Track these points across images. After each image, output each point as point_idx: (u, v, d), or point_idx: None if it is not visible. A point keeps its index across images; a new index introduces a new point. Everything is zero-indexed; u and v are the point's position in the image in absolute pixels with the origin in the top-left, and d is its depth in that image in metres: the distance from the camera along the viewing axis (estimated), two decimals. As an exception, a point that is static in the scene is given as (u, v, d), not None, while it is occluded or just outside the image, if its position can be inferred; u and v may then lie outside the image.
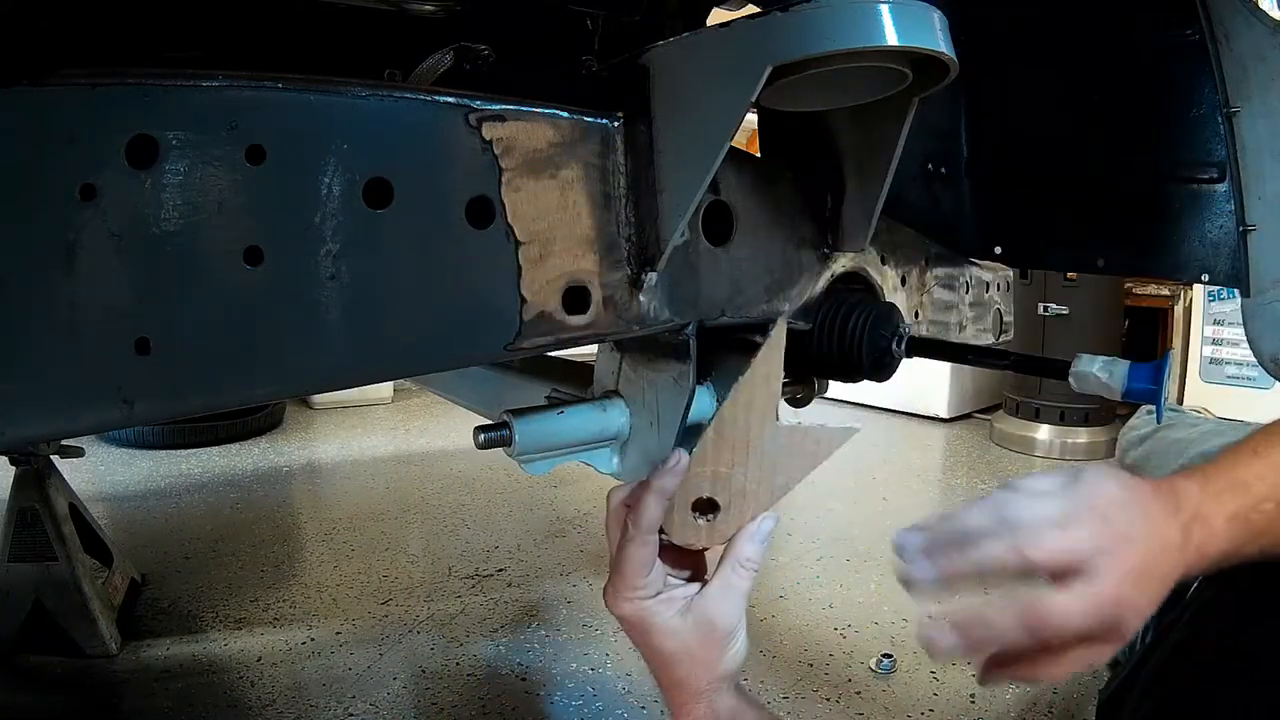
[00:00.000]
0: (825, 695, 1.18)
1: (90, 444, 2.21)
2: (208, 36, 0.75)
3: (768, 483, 0.58)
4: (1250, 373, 2.29)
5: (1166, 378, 0.74)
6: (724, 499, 0.57)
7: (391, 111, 0.49)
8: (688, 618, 0.57)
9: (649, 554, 0.56)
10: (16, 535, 1.25)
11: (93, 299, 0.42)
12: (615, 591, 0.57)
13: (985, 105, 0.98)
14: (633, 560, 0.56)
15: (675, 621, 0.57)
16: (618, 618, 0.58)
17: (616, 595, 0.57)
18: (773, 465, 0.58)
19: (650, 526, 0.55)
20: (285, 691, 1.18)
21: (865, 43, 0.49)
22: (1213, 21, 0.76)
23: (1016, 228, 1.02)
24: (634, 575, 0.56)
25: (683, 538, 0.57)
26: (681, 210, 0.55)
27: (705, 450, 0.56)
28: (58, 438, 0.92)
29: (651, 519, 0.55)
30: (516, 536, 1.78)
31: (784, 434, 0.57)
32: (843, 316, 0.77)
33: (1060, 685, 1.21)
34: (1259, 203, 0.80)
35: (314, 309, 0.47)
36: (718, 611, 0.57)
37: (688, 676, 0.58)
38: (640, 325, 0.60)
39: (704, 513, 0.58)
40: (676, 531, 0.57)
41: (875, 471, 2.32)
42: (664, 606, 0.57)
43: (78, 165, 0.41)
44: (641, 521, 0.55)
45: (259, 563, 1.62)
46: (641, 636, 0.58)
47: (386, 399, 3.05)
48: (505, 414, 0.65)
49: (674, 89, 0.55)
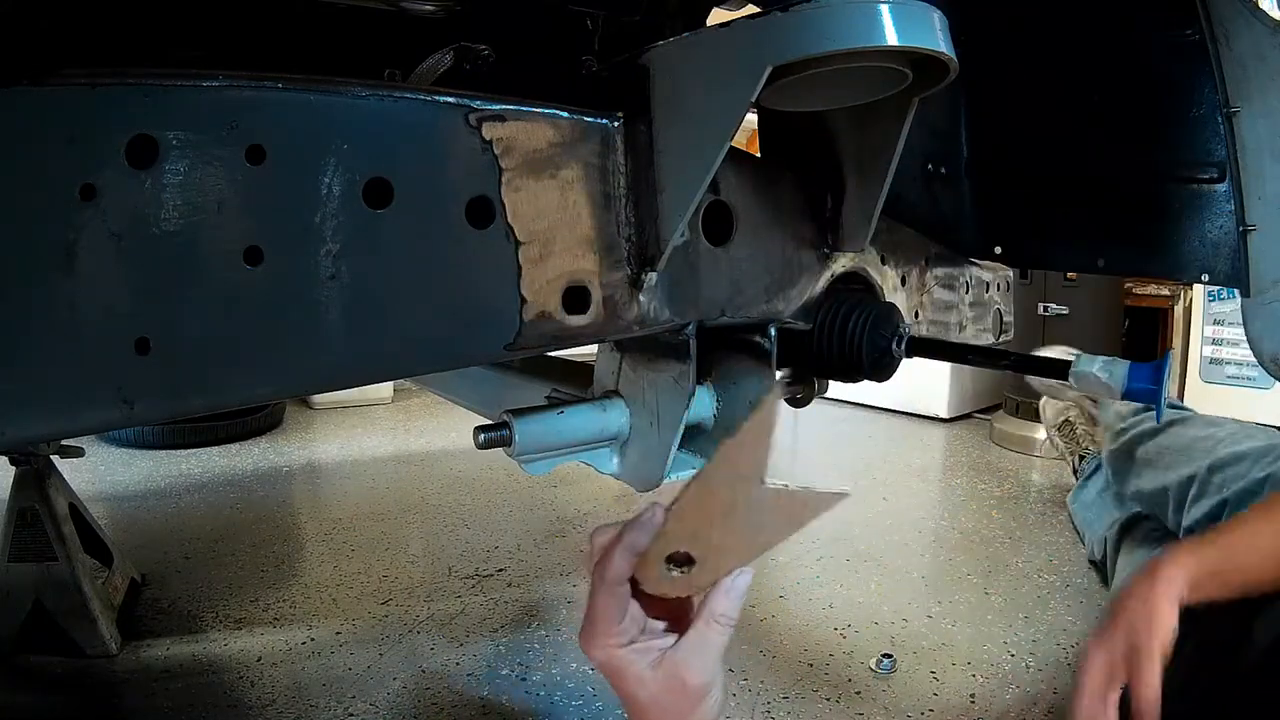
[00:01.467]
0: (825, 695, 1.18)
1: (90, 444, 2.21)
2: (208, 36, 0.75)
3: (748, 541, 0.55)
4: (1250, 373, 2.29)
5: (1166, 378, 0.74)
6: (700, 554, 0.55)
7: (391, 111, 0.49)
8: (658, 671, 0.55)
9: (617, 604, 0.55)
10: (16, 535, 1.25)
11: (93, 299, 0.42)
12: (588, 637, 0.55)
13: (985, 105, 0.98)
14: (601, 610, 0.55)
15: (647, 673, 0.55)
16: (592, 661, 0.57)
17: (590, 641, 0.55)
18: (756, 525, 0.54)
19: (617, 579, 0.54)
20: (285, 691, 1.18)
21: (865, 43, 0.49)
22: (1213, 21, 0.76)
23: (1016, 228, 1.02)
24: (604, 624, 0.55)
25: (656, 588, 0.55)
26: (681, 210, 0.55)
27: (684, 507, 0.53)
28: (58, 438, 0.92)
29: (618, 573, 0.54)
30: (516, 536, 1.77)
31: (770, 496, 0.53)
32: (843, 316, 0.77)
33: (1060, 685, 1.21)
34: (1259, 203, 0.80)
35: (314, 309, 0.47)
36: (689, 667, 0.55)
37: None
38: (640, 325, 0.60)
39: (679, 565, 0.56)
40: (650, 583, 0.55)
41: (875, 471, 2.32)
42: (638, 656, 0.55)
43: (78, 165, 0.41)
44: (608, 574, 0.54)
45: (259, 563, 1.62)
46: (616, 682, 0.56)
47: (386, 399, 3.05)
48: (505, 414, 0.65)
49: (674, 89, 0.55)
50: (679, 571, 0.55)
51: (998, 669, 1.25)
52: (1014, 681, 1.22)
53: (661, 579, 0.55)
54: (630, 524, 0.54)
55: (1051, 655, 1.30)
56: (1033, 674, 1.25)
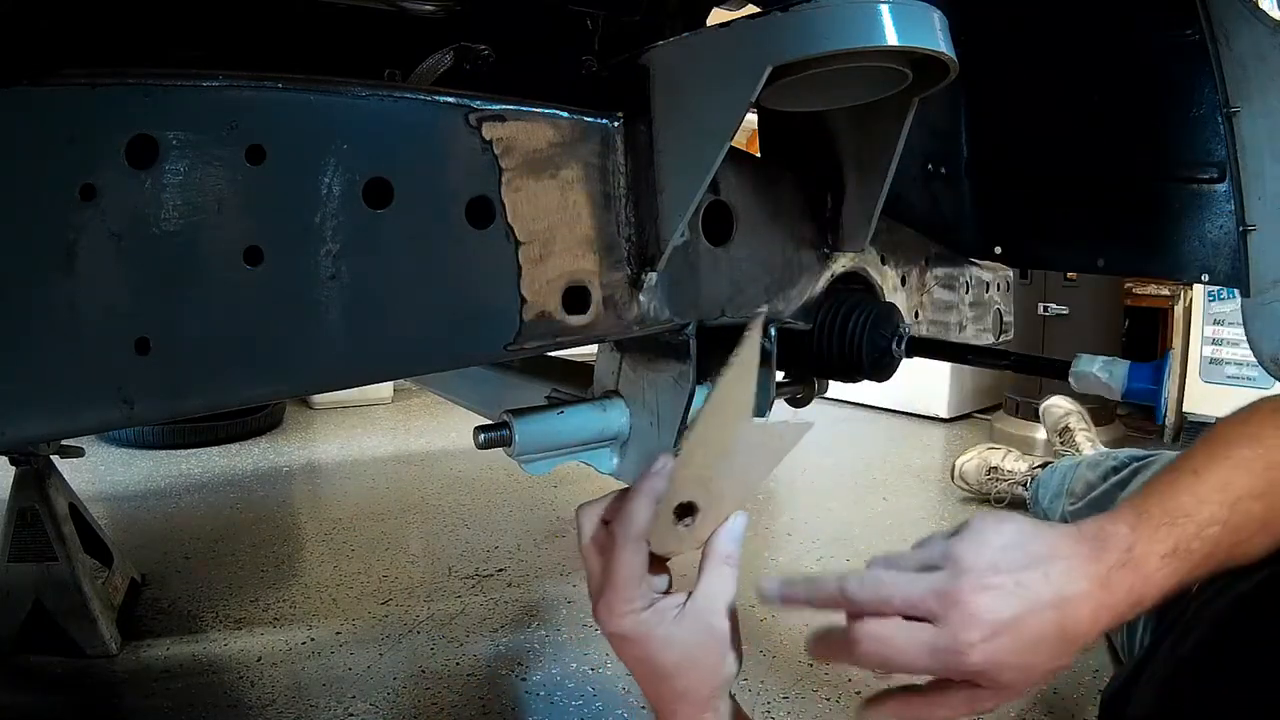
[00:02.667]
0: (825, 695, 1.18)
1: (90, 444, 2.21)
2: (208, 36, 0.75)
3: (743, 481, 0.57)
4: (1250, 373, 2.29)
5: (1167, 378, 0.74)
6: (704, 501, 0.56)
7: (391, 111, 0.49)
8: (683, 624, 0.54)
9: (642, 561, 0.54)
10: (16, 535, 1.25)
11: (93, 299, 0.42)
12: (609, 606, 0.54)
13: (985, 105, 0.98)
14: (627, 569, 0.53)
15: (673, 630, 0.54)
16: (613, 635, 0.55)
17: (611, 611, 0.54)
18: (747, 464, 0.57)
19: (643, 531, 0.54)
20: (285, 691, 1.18)
21: (865, 43, 0.49)
22: (1213, 21, 0.76)
23: (1016, 228, 1.02)
24: (628, 586, 0.54)
25: (662, 545, 0.56)
26: (681, 210, 0.55)
27: (690, 453, 0.55)
28: (58, 438, 0.92)
29: (643, 523, 0.53)
30: (516, 536, 1.77)
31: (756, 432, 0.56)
32: (843, 316, 0.77)
33: (1060, 685, 1.21)
34: (1259, 203, 0.80)
35: (314, 309, 0.47)
36: (715, 612, 0.56)
37: (692, 686, 0.56)
38: (640, 325, 0.60)
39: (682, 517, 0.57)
40: (657, 539, 0.55)
41: (875, 471, 2.32)
42: (658, 617, 0.54)
43: (78, 165, 0.41)
44: (634, 527, 0.53)
45: (259, 563, 1.62)
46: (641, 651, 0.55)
47: (386, 399, 3.05)
48: (505, 414, 0.65)
49: (674, 89, 0.55)
50: (683, 525, 0.56)
51: (998, 669, 1.25)
52: (1014, 681, 1.22)
53: (668, 534, 0.56)
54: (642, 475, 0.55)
55: (1051, 655, 1.30)
56: (1033, 674, 1.24)
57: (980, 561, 0.49)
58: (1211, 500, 0.53)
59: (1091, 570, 0.50)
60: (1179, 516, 0.52)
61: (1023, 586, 0.48)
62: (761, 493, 2.09)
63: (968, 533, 0.51)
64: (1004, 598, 0.48)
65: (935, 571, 0.50)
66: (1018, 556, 0.50)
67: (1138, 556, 0.50)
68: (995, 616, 0.48)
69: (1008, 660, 0.48)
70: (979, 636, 0.47)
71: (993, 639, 0.47)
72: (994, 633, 0.47)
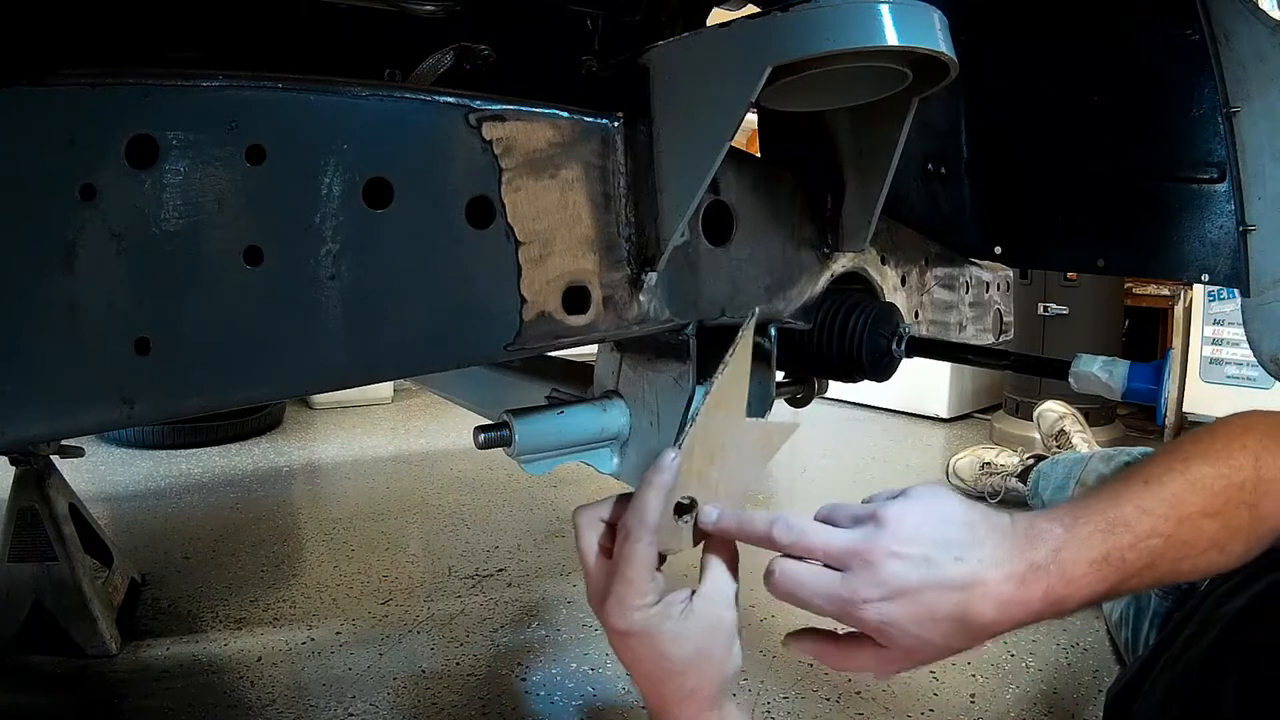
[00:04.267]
0: (825, 695, 1.18)
1: (90, 444, 2.21)
2: (208, 36, 0.75)
3: (738, 477, 0.59)
4: (1250, 373, 2.29)
5: (1167, 378, 0.74)
6: (703, 497, 0.57)
7: (391, 111, 0.49)
8: (692, 618, 0.55)
9: (654, 556, 0.54)
10: (16, 535, 1.25)
11: (93, 299, 0.42)
12: (621, 602, 0.54)
13: (985, 105, 0.98)
14: (640, 563, 0.54)
15: (682, 624, 0.54)
16: (623, 633, 0.55)
17: (623, 606, 0.54)
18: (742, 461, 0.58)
19: (656, 524, 0.54)
20: (285, 691, 1.18)
21: (865, 43, 0.49)
22: (1213, 21, 0.76)
23: (1016, 228, 1.02)
24: (641, 581, 0.54)
25: (664, 543, 0.56)
26: (681, 210, 0.55)
27: (691, 451, 0.56)
28: (57, 438, 0.92)
29: (656, 516, 0.54)
30: (516, 536, 1.77)
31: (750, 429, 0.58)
32: (843, 316, 0.77)
33: (1060, 685, 1.21)
34: (1259, 203, 0.80)
35: (314, 309, 0.47)
36: (724, 602, 0.56)
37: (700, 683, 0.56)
38: (640, 325, 0.60)
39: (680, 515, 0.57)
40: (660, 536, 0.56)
41: (875, 471, 2.32)
42: (668, 611, 0.55)
43: (78, 165, 0.41)
44: (647, 520, 0.54)
45: (259, 563, 1.62)
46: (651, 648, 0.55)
47: (386, 399, 3.04)
48: (505, 414, 0.65)
49: (674, 89, 0.55)
50: (683, 522, 0.58)
51: (997, 669, 1.25)
52: (1014, 681, 1.22)
53: (669, 531, 0.57)
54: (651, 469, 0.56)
55: (1051, 655, 1.30)
56: (1032, 674, 1.25)
57: (901, 529, 0.51)
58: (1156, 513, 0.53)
59: (1010, 565, 0.50)
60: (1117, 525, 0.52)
61: (930, 562, 0.50)
62: (762, 493, 2.09)
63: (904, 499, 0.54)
64: (910, 567, 0.50)
65: (862, 527, 0.52)
66: (939, 533, 0.51)
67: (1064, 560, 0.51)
68: (897, 582, 0.50)
69: (901, 626, 0.50)
70: (877, 595, 0.50)
71: (888, 601, 0.50)
72: (891, 595, 0.50)
